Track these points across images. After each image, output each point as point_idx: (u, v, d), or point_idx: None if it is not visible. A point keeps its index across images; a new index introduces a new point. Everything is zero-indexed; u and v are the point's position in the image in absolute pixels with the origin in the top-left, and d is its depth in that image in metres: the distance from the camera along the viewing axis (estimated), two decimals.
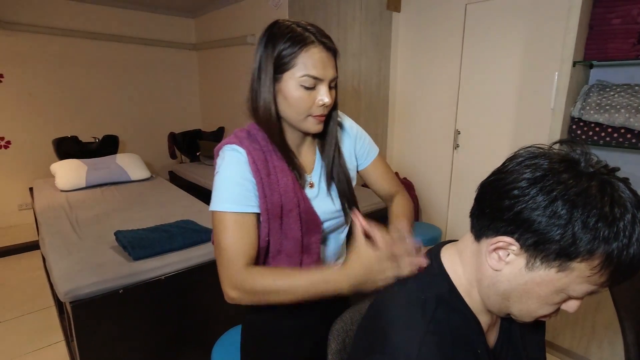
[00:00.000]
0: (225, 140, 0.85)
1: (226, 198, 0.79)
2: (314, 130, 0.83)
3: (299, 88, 0.78)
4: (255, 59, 0.82)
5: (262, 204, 0.82)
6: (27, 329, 2.20)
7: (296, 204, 0.84)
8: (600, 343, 1.77)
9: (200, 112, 5.13)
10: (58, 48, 3.87)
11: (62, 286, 1.41)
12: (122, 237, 1.72)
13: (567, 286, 0.51)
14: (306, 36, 0.77)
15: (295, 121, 0.82)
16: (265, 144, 0.84)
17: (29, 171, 3.83)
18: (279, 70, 0.78)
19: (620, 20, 1.63)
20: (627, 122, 1.62)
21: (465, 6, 2.34)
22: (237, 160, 0.81)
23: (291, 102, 0.79)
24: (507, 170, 0.54)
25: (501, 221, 0.53)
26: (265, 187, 0.81)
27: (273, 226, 0.84)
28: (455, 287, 0.62)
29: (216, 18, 4.38)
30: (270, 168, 0.83)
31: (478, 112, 2.40)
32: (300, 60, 0.76)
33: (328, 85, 0.80)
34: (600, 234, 0.47)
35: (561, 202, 0.48)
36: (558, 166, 0.51)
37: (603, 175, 0.50)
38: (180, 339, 1.69)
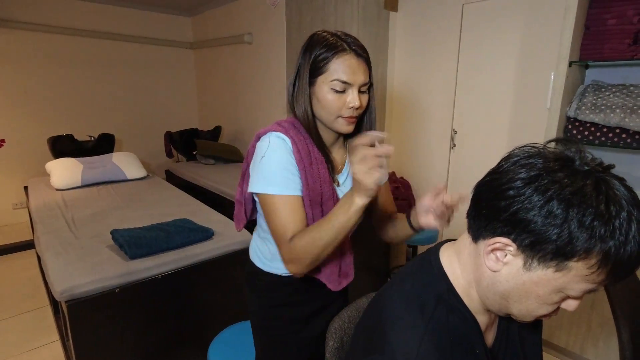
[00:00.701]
0: (270, 127, 0.91)
1: (274, 182, 0.85)
2: (344, 130, 0.90)
3: (330, 91, 0.85)
4: (295, 65, 0.91)
5: (304, 191, 0.88)
6: (22, 329, 2.19)
7: (332, 194, 0.93)
8: (596, 341, 1.79)
9: (197, 111, 5.12)
10: (54, 46, 3.84)
11: (58, 285, 1.40)
12: (119, 236, 1.72)
13: (566, 285, 0.51)
14: (339, 44, 0.85)
15: (327, 121, 0.90)
16: (308, 137, 0.92)
17: (23, 170, 3.80)
18: (314, 75, 0.87)
19: (615, 21, 1.64)
20: (622, 122, 1.63)
21: (462, 6, 2.34)
22: (283, 147, 0.87)
23: (323, 104, 0.87)
24: (502, 171, 0.54)
25: (497, 222, 0.53)
26: (308, 175, 0.88)
27: (315, 213, 0.91)
28: (453, 288, 0.62)
29: (213, 17, 4.36)
30: (313, 158, 0.90)
31: (475, 112, 2.41)
32: (332, 66, 0.84)
33: (358, 89, 0.87)
34: (596, 233, 0.46)
35: (557, 202, 0.48)
36: (553, 165, 0.50)
37: (598, 173, 0.50)
38: (176, 338, 1.69)
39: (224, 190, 2.92)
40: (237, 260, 1.86)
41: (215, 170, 3.53)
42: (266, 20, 3.55)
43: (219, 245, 1.81)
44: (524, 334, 0.71)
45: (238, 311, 1.87)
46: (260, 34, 3.68)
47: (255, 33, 3.74)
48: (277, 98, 3.61)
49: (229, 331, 1.45)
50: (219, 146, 3.91)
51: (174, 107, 4.87)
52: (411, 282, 0.64)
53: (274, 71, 3.58)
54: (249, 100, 4.06)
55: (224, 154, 3.84)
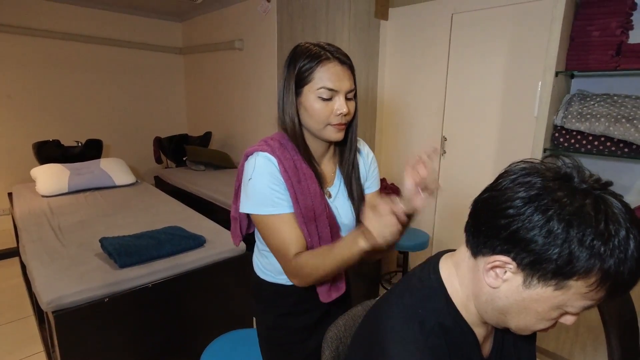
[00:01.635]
0: (257, 147, 0.91)
1: (264, 202, 0.87)
2: (334, 137, 0.90)
3: (317, 100, 0.86)
4: (281, 79, 0.91)
5: (295, 209, 0.89)
6: (5, 340, 2.12)
7: (324, 208, 0.92)
8: (584, 346, 1.81)
9: (186, 117, 5.08)
10: (39, 50, 3.77)
11: (45, 295, 1.37)
12: (108, 244, 1.68)
13: (565, 302, 0.52)
14: (322, 53, 0.86)
15: (316, 130, 0.90)
16: (295, 153, 0.92)
17: (7, 176, 3.70)
18: (299, 85, 0.88)
19: (599, 33, 1.70)
20: (606, 131, 1.68)
21: (452, 16, 2.39)
22: (269, 168, 0.88)
23: (311, 113, 0.88)
24: (501, 188, 0.54)
25: (497, 240, 0.53)
26: (298, 192, 0.89)
27: (310, 229, 0.91)
28: (452, 302, 0.62)
29: (203, 22, 4.35)
30: (301, 175, 0.90)
31: (464, 119, 2.45)
32: (317, 75, 0.85)
33: (345, 96, 0.88)
34: (596, 252, 0.47)
35: (557, 222, 0.48)
36: (552, 184, 0.51)
37: (596, 191, 0.50)
38: (167, 347, 1.66)
39: (214, 196, 2.90)
40: (229, 268, 1.84)
41: (205, 177, 3.50)
42: (257, 27, 3.56)
43: (210, 252, 1.79)
44: (520, 343, 0.72)
45: (230, 320, 1.85)
46: (251, 41, 3.69)
47: (246, 39, 3.74)
48: (268, 104, 3.61)
49: (221, 340, 1.44)
50: (209, 152, 3.89)
51: (164, 112, 4.83)
52: (410, 296, 0.64)
53: (265, 78, 3.58)
54: (239, 106, 4.05)
55: (214, 160, 3.81)
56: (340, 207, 0.98)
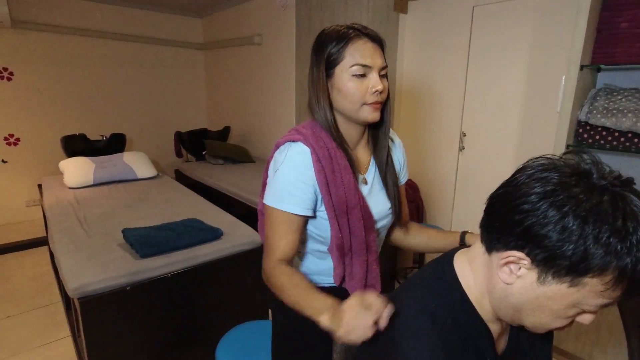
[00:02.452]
0: (288, 136, 0.88)
1: (282, 197, 0.84)
2: (370, 118, 0.86)
3: (351, 78, 0.82)
4: (311, 66, 0.88)
5: (327, 202, 0.85)
6: (34, 324, 2.24)
7: (358, 201, 0.88)
8: (605, 348, 1.77)
9: (206, 112, 5.16)
10: (67, 47, 3.91)
11: (71, 282, 1.43)
12: (130, 235, 1.75)
13: (580, 300, 0.51)
14: (350, 32, 0.83)
15: (351, 112, 0.86)
16: (329, 141, 0.87)
17: (37, 168, 3.87)
18: (330, 67, 0.84)
19: (628, 25, 1.63)
20: (634, 127, 1.61)
21: (473, 8, 2.33)
22: (300, 159, 0.84)
23: (345, 94, 0.83)
24: (517, 184, 0.53)
25: (511, 235, 0.53)
26: (331, 184, 0.85)
27: (342, 222, 0.87)
28: (467, 296, 0.61)
29: (223, 18, 4.40)
30: (335, 165, 0.86)
31: (484, 115, 2.40)
32: (348, 53, 0.82)
33: (378, 73, 0.84)
34: (612, 249, 0.46)
35: (572, 218, 0.47)
36: (569, 180, 0.50)
37: (615, 188, 0.49)
38: (184, 336, 1.71)
39: (232, 190, 2.95)
40: (246, 260, 1.87)
41: (224, 171, 3.56)
42: (276, 22, 3.57)
43: (227, 245, 1.83)
44: (535, 342, 0.70)
45: (245, 311, 1.89)
46: (270, 36, 3.70)
47: (265, 34, 3.76)
48: (286, 99, 3.63)
49: (237, 331, 1.47)
50: (228, 146, 3.94)
51: (184, 107, 4.92)
52: (424, 290, 0.64)
53: (284, 72, 3.60)
54: (258, 101, 4.09)
55: (233, 154, 3.87)
56: (375, 196, 0.94)
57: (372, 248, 0.93)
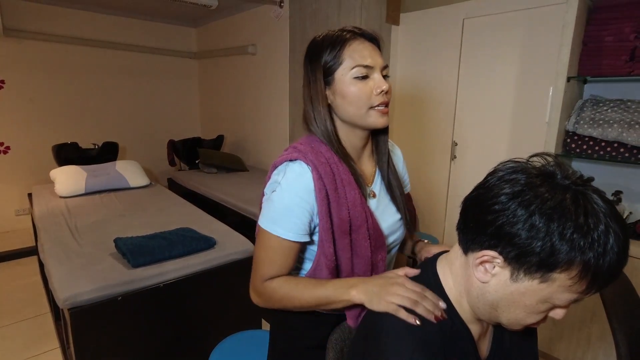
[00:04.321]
0: (286, 155, 0.81)
1: (278, 221, 0.78)
2: (379, 123, 0.80)
3: (353, 81, 0.77)
4: (305, 76, 0.83)
5: (325, 222, 0.78)
6: (22, 336, 2.19)
7: (364, 219, 0.81)
8: (596, 354, 1.78)
9: (199, 120, 5.16)
10: (60, 55, 3.90)
11: (61, 293, 1.41)
12: (122, 244, 1.73)
13: (551, 296, 0.53)
14: (344, 34, 0.79)
15: (359, 118, 0.80)
16: (330, 156, 0.81)
17: (27, 177, 3.83)
18: (329, 73, 0.79)
19: (612, 38, 1.68)
20: (620, 137, 1.65)
21: (463, 20, 2.39)
22: (301, 180, 0.78)
23: (350, 99, 0.78)
24: (488, 186, 0.57)
25: (484, 235, 0.55)
26: (333, 202, 0.78)
27: (341, 244, 0.81)
28: (447, 298, 0.64)
29: (218, 28, 4.44)
30: (338, 182, 0.80)
31: (475, 124, 2.44)
32: (346, 55, 0.77)
33: (380, 72, 0.79)
34: (576, 245, 0.49)
35: (538, 216, 0.50)
36: (535, 180, 0.53)
37: (577, 187, 0.52)
38: (177, 346, 1.70)
39: (226, 199, 2.94)
40: (239, 270, 1.87)
41: (217, 179, 3.55)
42: (270, 32, 3.61)
43: (220, 254, 1.82)
44: (520, 343, 0.72)
45: (239, 321, 1.88)
46: (264, 46, 3.74)
47: (259, 44, 3.80)
48: (280, 108, 3.65)
49: (230, 340, 1.46)
50: (221, 155, 3.95)
51: (177, 116, 4.92)
52: None
53: (277, 82, 3.62)
54: (251, 110, 4.11)
55: (227, 163, 3.87)
56: (384, 209, 0.88)
57: (380, 269, 0.86)
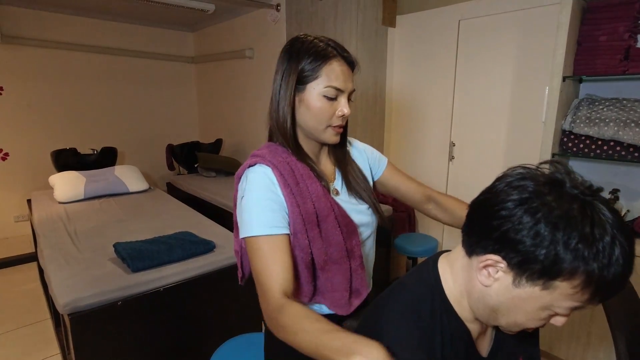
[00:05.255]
0: (245, 164, 0.86)
1: (256, 222, 0.78)
2: (332, 141, 0.87)
3: (322, 99, 0.82)
4: (279, 72, 0.85)
5: (296, 215, 0.81)
6: (23, 342, 2.19)
7: (330, 208, 0.85)
8: (596, 354, 1.78)
9: (198, 124, 5.17)
10: (58, 61, 3.91)
11: (62, 298, 1.41)
12: (121, 249, 1.73)
13: (552, 303, 0.53)
14: (329, 50, 0.82)
15: (315, 131, 0.85)
16: (287, 156, 0.86)
17: (26, 183, 3.83)
18: (303, 82, 0.82)
19: (607, 37, 1.69)
20: (616, 135, 1.66)
21: (459, 22, 2.40)
22: (262, 179, 0.82)
23: (313, 112, 0.83)
24: (496, 191, 0.57)
25: (489, 239, 0.55)
26: (297, 196, 0.82)
27: (312, 235, 0.83)
28: (446, 297, 0.64)
29: (215, 32, 4.45)
30: (298, 177, 0.84)
31: (472, 125, 2.45)
32: (323, 73, 0.81)
33: (347, 97, 0.84)
34: (580, 255, 0.49)
35: (544, 224, 0.50)
36: (543, 188, 0.52)
37: (586, 197, 0.52)
38: (177, 350, 1.69)
39: (225, 202, 2.94)
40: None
41: (216, 183, 3.56)
42: (267, 36, 3.63)
43: (220, 257, 1.82)
44: (523, 343, 0.72)
45: (239, 324, 1.88)
46: (261, 49, 3.75)
47: (256, 48, 3.81)
48: None
49: (230, 344, 1.46)
50: (220, 159, 3.95)
51: (176, 120, 4.93)
52: (409, 290, 0.67)
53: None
54: (249, 113, 4.12)
55: (225, 166, 3.87)
56: (349, 204, 0.91)
57: (356, 253, 0.90)
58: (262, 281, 0.75)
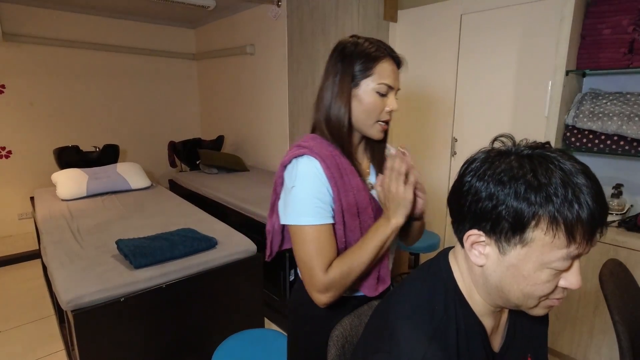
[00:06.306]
0: (293, 152, 0.90)
1: (306, 212, 0.85)
2: (377, 136, 0.93)
3: (374, 94, 0.89)
4: (331, 72, 0.92)
5: (337, 206, 0.88)
6: (27, 339, 2.21)
7: (369, 201, 0.92)
8: (599, 348, 1.78)
9: (200, 121, 5.17)
10: (59, 59, 3.91)
11: (65, 295, 1.42)
12: (124, 246, 1.74)
13: (542, 259, 0.53)
14: (380, 50, 0.89)
15: (364, 126, 0.92)
16: (333, 149, 0.91)
17: (29, 181, 3.84)
18: (357, 79, 0.89)
19: (610, 31, 1.68)
20: (619, 130, 1.65)
21: (461, 16, 2.38)
22: (312, 171, 0.87)
23: (366, 107, 0.89)
24: (458, 176, 0.61)
25: (464, 220, 0.58)
26: (340, 188, 0.88)
27: (351, 225, 0.90)
28: (461, 292, 0.64)
29: (216, 28, 4.44)
30: (342, 170, 0.90)
31: (474, 120, 2.44)
32: (377, 70, 0.88)
33: (394, 94, 0.92)
34: (533, 201, 0.51)
35: (492, 183, 0.54)
36: (491, 156, 0.57)
37: (524, 151, 0.55)
38: (180, 346, 1.70)
39: (227, 199, 2.95)
40: (241, 269, 1.87)
41: (218, 180, 3.56)
42: (268, 32, 3.61)
43: (222, 254, 1.83)
44: (531, 337, 0.72)
45: (241, 320, 1.89)
46: (262, 45, 3.74)
47: (257, 44, 3.80)
48: (280, 107, 3.65)
49: (232, 340, 1.47)
50: (221, 156, 3.95)
51: (177, 117, 4.93)
52: (422, 285, 0.66)
53: (276, 81, 3.63)
54: (251, 110, 4.11)
55: (227, 163, 3.87)
56: None
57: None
58: (309, 266, 0.85)
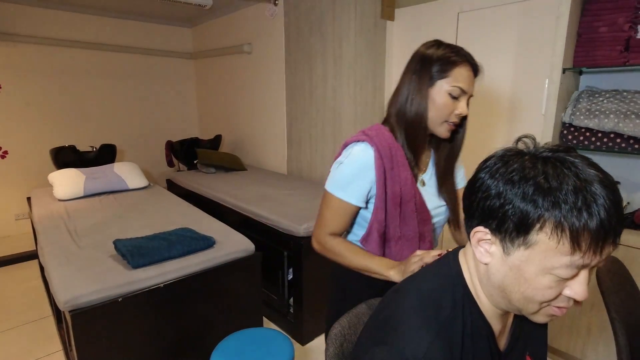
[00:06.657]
0: (356, 137, 1.00)
1: (341, 186, 0.98)
2: (444, 135, 0.99)
3: (447, 96, 0.94)
4: (410, 71, 0.99)
5: (381, 193, 0.97)
6: (25, 339, 2.20)
7: (413, 196, 0.99)
8: (596, 346, 1.79)
9: (197, 121, 5.16)
10: (56, 58, 3.89)
11: (62, 295, 1.42)
12: (121, 246, 1.73)
13: (545, 263, 0.52)
14: (460, 55, 0.94)
15: (432, 123, 0.98)
16: (393, 142, 0.99)
17: (26, 181, 3.83)
18: (435, 78, 0.94)
19: (607, 29, 1.68)
20: (616, 127, 1.66)
21: (458, 14, 2.38)
22: (364, 158, 0.96)
23: (437, 106, 0.95)
24: (475, 172, 0.61)
25: (473, 216, 0.58)
26: (388, 177, 0.97)
27: (392, 213, 0.99)
28: (470, 292, 0.63)
29: (213, 27, 4.42)
30: (394, 162, 0.97)
31: (472, 118, 2.42)
32: (453, 73, 0.93)
33: (467, 99, 0.96)
34: (539, 204, 0.50)
35: (502, 182, 0.53)
36: (508, 155, 0.57)
37: (541, 154, 0.54)
38: (178, 346, 1.70)
39: (224, 198, 2.94)
40: (238, 268, 1.87)
41: (216, 179, 3.55)
42: (265, 31, 3.60)
43: (220, 253, 1.82)
44: (533, 336, 0.73)
45: (239, 319, 1.88)
46: (259, 44, 3.73)
47: (254, 43, 3.79)
48: (277, 106, 3.64)
49: (231, 339, 1.47)
50: (219, 155, 3.94)
51: (175, 116, 4.92)
52: (430, 282, 0.66)
53: (274, 80, 3.62)
54: (249, 109, 4.10)
55: (225, 162, 3.86)
56: (432, 195, 1.05)
57: (427, 238, 1.05)
58: (321, 223, 1.03)
